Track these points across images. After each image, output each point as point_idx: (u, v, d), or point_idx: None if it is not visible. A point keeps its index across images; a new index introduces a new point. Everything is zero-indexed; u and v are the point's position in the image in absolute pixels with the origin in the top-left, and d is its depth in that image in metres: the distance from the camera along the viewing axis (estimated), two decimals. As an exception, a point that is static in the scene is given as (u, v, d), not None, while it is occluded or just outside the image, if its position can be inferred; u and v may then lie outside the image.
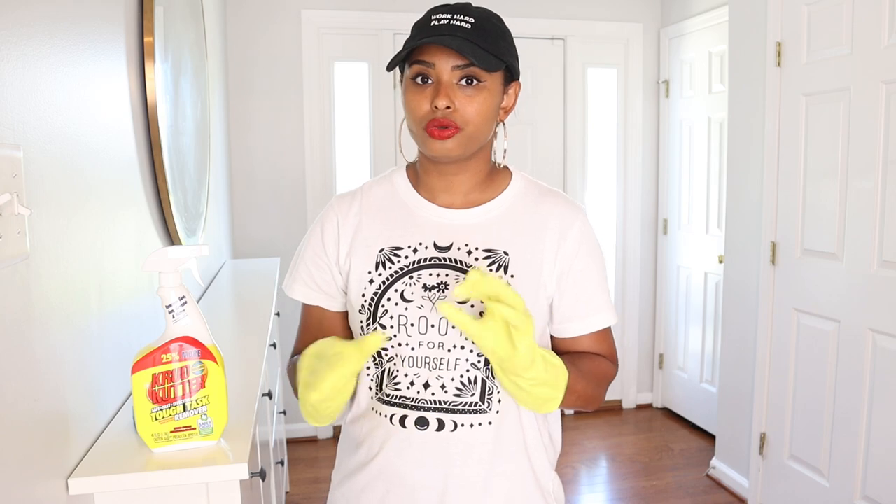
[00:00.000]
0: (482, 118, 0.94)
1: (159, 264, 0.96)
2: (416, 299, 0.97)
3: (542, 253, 1.00)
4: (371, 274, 1.00)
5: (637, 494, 2.89)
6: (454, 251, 0.99)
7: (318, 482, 2.99)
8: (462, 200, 1.02)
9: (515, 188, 1.04)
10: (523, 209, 1.03)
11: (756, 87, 2.63)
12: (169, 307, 0.97)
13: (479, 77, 0.93)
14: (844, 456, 2.28)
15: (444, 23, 0.92)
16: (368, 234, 1.02)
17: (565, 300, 1.01)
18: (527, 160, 3.60)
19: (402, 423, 0.98)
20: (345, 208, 1.06)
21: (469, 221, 1.01)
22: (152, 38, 1.52)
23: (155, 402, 0.98)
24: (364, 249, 1.02)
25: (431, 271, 0.98)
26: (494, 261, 0.98)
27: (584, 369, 0.98)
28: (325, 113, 3.39)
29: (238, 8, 3.24)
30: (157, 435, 0.99)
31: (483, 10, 0.97)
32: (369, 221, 1.03)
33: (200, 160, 2.20)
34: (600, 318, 1.03)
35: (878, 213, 2.12)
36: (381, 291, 0.98)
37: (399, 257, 0.99)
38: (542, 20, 3.54)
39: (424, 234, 1.00)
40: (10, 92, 0.84)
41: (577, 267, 1.01)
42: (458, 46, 0.89)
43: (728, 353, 2.93)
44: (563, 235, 1.00)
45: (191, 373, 0.99)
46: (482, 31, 0.93)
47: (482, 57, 0.91)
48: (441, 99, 0.91)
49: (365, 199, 1.06)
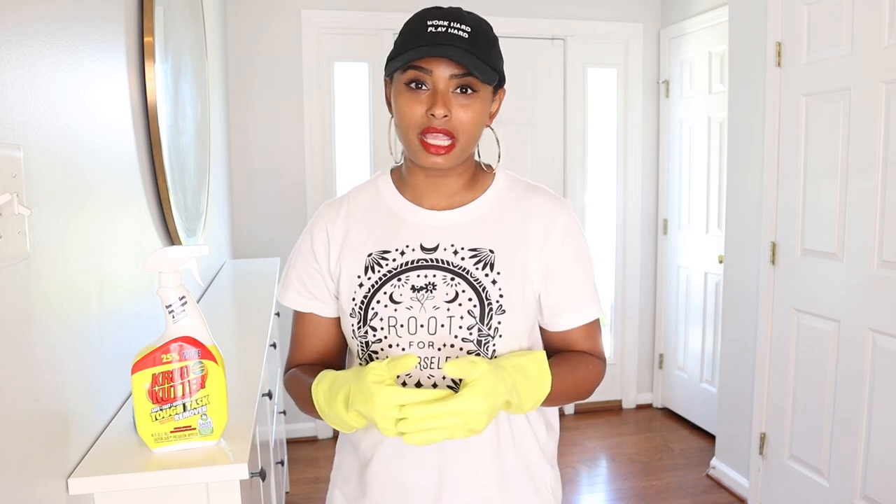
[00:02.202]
0: (475, 126, 0.95)
1: (159, 264, 0.96)
2: (405, 300, 0.98)
3: (527, 249, 1.01)
4: (360, 278, 1.01)
5: (637, 494, 2.89)
6: (440, 252, 1.00)
7: (318, 482, 2.99)
8: (447, 202, 1.03)
9: (499, 186, 1.05)
10: (507, 207, 1.03)
11: (756, 87, 2.63)
12: (169, 307, 0.97)
13: (474, 87, 0.94)
14: (844, 456, 2.28)
15: (442, 30, 0.93)
16: (356, 239, 1.04)
17: (553, 294, 1.02)
18: (527, 160, 3.60)
19: None
20: (332, 215, 1.07)
21: (454, 222, 1.02)
22: (152, 38, 1.52)
23: (155, 402, 0.98)
24: (353, 255, 1.03)
25: (419, 272, 0.99)
26: (481, 259, 0.99)
27: (565, 369, 0.98)
28: (325, 113, 3.38)
29: (238, 8, 3.24)
30: (157, 435, 0.99)
31: (474, 17, 0.97)
32: (357, 227, 1.05)
33: (200, 160, 2.20)
34: (587, 311, 1.03)
35: (878, 213, 2.12)
36: (370, 294, 0.99)
37: (387, 260, 1.01)
38: (542, 20, 3.54)
39: (411, 236, 1.02)
40: (10, 92, 0.84)
41: (563, 261, 1.02)
42: (460, 59, 0.90)
43: (728, 353, 2.93)
44: (548, 230, 1.01)
45: (191, 373, 0.99)
46: (478, 40, 0.93)
47: (481, 68, 0.92)
48: (439, 108, 0.92)
49: (351, 206, 1.07)
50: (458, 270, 0.99)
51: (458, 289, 0.98)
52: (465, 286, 0.98)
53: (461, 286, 0.98)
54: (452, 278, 0.98)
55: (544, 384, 0.91)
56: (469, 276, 0.98)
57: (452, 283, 0.98)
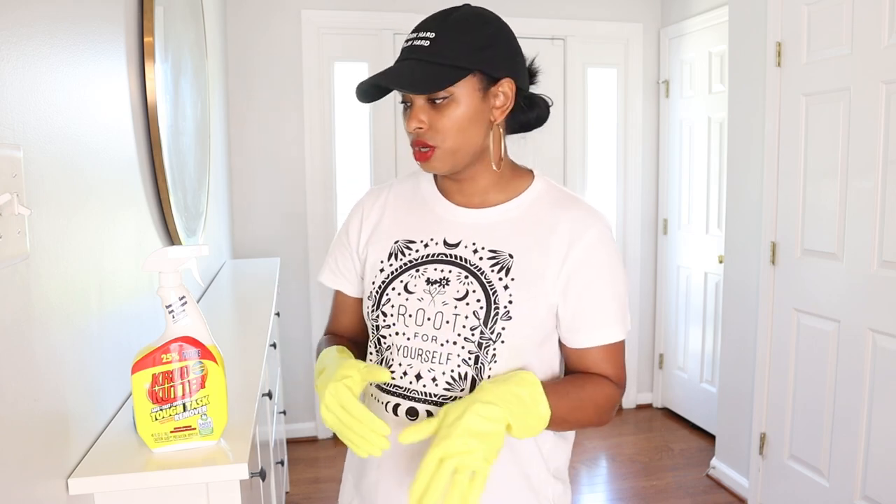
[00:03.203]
0: (457, 129, 0.94)
1: (159, 264, 0.96)
2: (418, 292, 0.99)
3: (547, 259, 0.98)
4: (383, 263, 1.04)
5: (637, 494, 2.89)
6: (461, 249, 1.00)
7: (318, 482, 2.99)
8: (479, 200, 1.04)
9: (534, 192, 1.04)
10: (538, 214, 1.01)
11: (756, 87, 2.63)
12: (169, 307, 0.97)
13: (438, 95, 0.93)
14: (844, 456, 2.28)
15: (409, 44, 0.95)
16: (388, 225, 1.07)
17: (570, 309, 0.98)
18: (527, 160, 3.56)
19: (394, 411, 1.01)
20: (371, 200, 1.11)
21: (481, 221, 1.02)
22: (152, 38, 1.52)
23: (155, 402, 0.98)
24: (381, 240, 1.06)
25: (436, 266, 1.00)
26: (498, 262, 0.98)
27: (573, 397, 0.95)
28: (325, 113, 3.38)
29: (238, 8, 3.24)
30: (157, 435, 0.99)
31: (457, 15, 0.94)
32: (391, 214, 1.08)
33: (200, 160, 2.20)
34: (607, 332, 0.99)
35: (878, 213, 2.12)
36: (388, 280, 1.02)
37: (411, 250, 1.03)
38: (542, 20, 3.54)
39: (437, 230, 1.03)
40: (10, 92, 0.84)
41: (587, 276, 0.97)
42: (399, 82, 0.91)
43: (728, 353, 2.93)
44: (573, 243, 0.98)
45: (191, 373, 0.99)
46: (440, 44, 0.92)
47: (430, 79, 0.91)
48: (410, 122, 0.95)
49: (391, 194, 1.11)
50: (472, 269, 0.98)
51: (469, 288, 0.97)
52: (477, 286, 0.97)
53: (473, 285, 0.97)
54: (466, 276, 0.98)
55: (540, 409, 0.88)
56: (482, 277, 0.97)
57: (466, 281, 0.98)
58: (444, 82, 0.92)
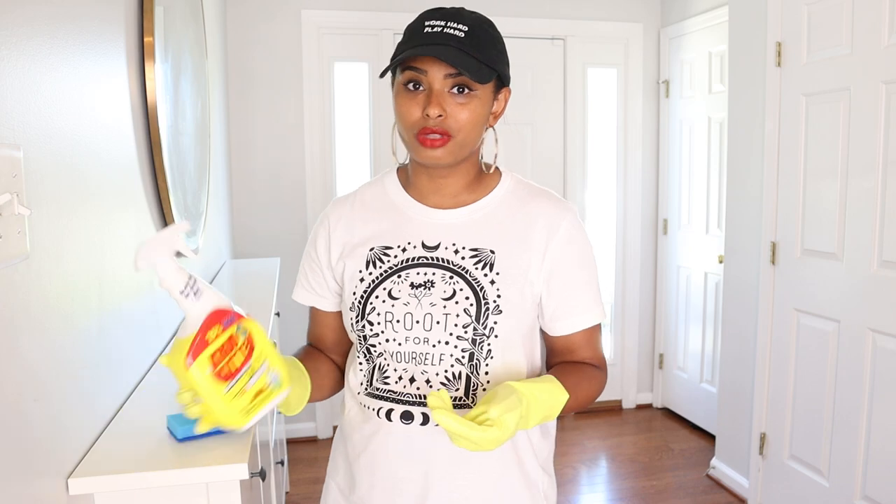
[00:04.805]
0: (473, 126, 0.95)
1: (150, 258, 0.89)
2: (403, 297, 0.99)
3: (529, 251, 1.01)
4: (362, 273, 1.03)
5: (637, 494, 2.89)
6: (441, 250, 1.01)
7: (318, 482, 2.99)
8: (451, 201, 1.04)
9: (504, 188, 1.06)
10: (511, 209, 1.04)
11: (756, 87, 2.63)
12: (183, 291, 0.90)
13: (471, 86, 0.94)
14: (844, 456, 2.28)
15: (438, 30, 0.93)
16: (361, 235, 1.05)
17: (553, 299, 1.02)
18: (527, 160, 3.60)
19: (388, 416, 1.01)
20: (336, 213, 1.09)
21: (456, 221, 1.03)
22: (152, 38, 1.52)
23: (225, 379, 0.89)
24: (357, 250, 1.04)
25: (419, 270, 1.00)
26: (481, 259, 1.00)
27: (571, 382, 0.98)
28: (325, 113, 3.38)
29: (238, 8, 3.24)
30: (245, 408, 0.91)
31: (476, 17, 0.97)
32: (362, 223, 1.06)
33: (200, 160, 2.20)
34: (588, 316, 1.04)
35: (878, 213, 2.12)
36: (370, 290, 1.01)
37: (389, 257, 1.02)
38: (542, 20, 3.54)
39: (413, 233, 1.03)
40: (10, 92, 0.84)
41: (566, 265, 1.02)
42: (451, 58, 0.90)
43: (728, 353, 2.93)
44: (551, 234, 1.01)
45: (239, 339, 0.92)
46: (475, 39, 0.93)
47: (474, 68, 0.91)
48: (433, 108, 0.92)
49: (357, 202, 1.09)
50: (457, 269, 0.99)
51: (455, 287, 0.98)
52: (464, 285, 0.98)
53: (459, 285, 0.98)
54: (451, 277, 0.99)
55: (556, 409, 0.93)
56: (468, 276, 0.99)
57: (451, 281, 0.98)
58: (488, 75, 0.94)
